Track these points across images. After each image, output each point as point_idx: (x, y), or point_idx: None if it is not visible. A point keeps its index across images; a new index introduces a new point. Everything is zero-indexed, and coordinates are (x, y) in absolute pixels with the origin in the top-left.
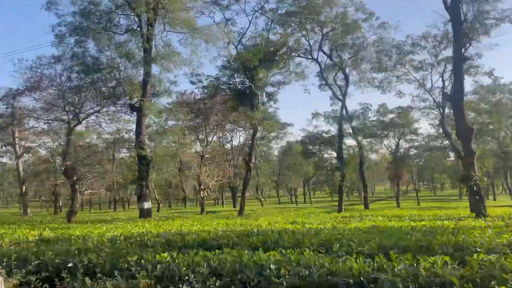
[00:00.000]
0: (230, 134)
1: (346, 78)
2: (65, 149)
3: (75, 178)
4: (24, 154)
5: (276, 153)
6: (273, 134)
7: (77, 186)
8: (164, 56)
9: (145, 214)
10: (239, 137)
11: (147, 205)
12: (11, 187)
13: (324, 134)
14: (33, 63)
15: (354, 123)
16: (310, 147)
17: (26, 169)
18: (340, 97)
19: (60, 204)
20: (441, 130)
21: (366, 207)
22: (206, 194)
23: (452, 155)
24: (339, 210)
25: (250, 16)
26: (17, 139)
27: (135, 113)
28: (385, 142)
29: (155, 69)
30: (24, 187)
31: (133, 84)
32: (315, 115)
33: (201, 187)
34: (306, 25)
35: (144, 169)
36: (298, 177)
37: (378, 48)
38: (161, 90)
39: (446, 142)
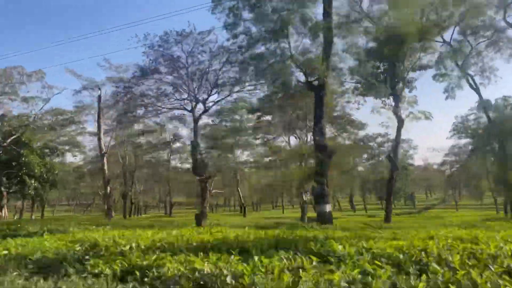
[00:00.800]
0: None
1: None
2: (193, 142)
3: (205, 175)
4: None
5: None
6: None
7: (207, 185)
8: (355, 20)
9: (326, 218)
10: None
11: (328, 207)
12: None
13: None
14: (160, 40)
15: None
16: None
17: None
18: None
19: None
20: None
21: None
22: (308, 198)
23: None
24: None
25: None
26: (102, 133)
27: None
28: None
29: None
30: (108, 188)
31: (308, 58)
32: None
33: (303, 189)
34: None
35: (325, 163)
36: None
37: None
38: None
39: None
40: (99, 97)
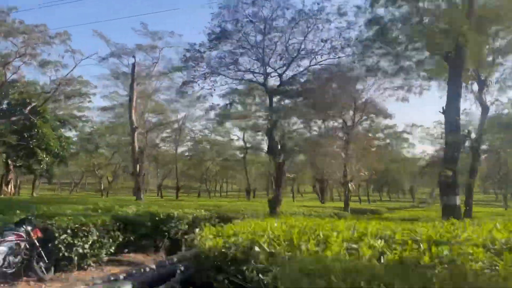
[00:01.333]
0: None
1: None
2: (270, 119)
3: (282, 156)
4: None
5: None
6: None
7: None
8: None
9: (457, 213)
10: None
11: (458, 199)
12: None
13: None
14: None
15: None
16: None
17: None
18: None
19: (102, 187)
20: None
21: None
22: (354, 187)
23: None
24: None
25: None
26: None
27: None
28: None
29: None
30: (138, 166)
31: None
32: None
33: (347, 179)
34: None
35: (457, 147)
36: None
37: None
38: None
39: None
40: (133, 65)
